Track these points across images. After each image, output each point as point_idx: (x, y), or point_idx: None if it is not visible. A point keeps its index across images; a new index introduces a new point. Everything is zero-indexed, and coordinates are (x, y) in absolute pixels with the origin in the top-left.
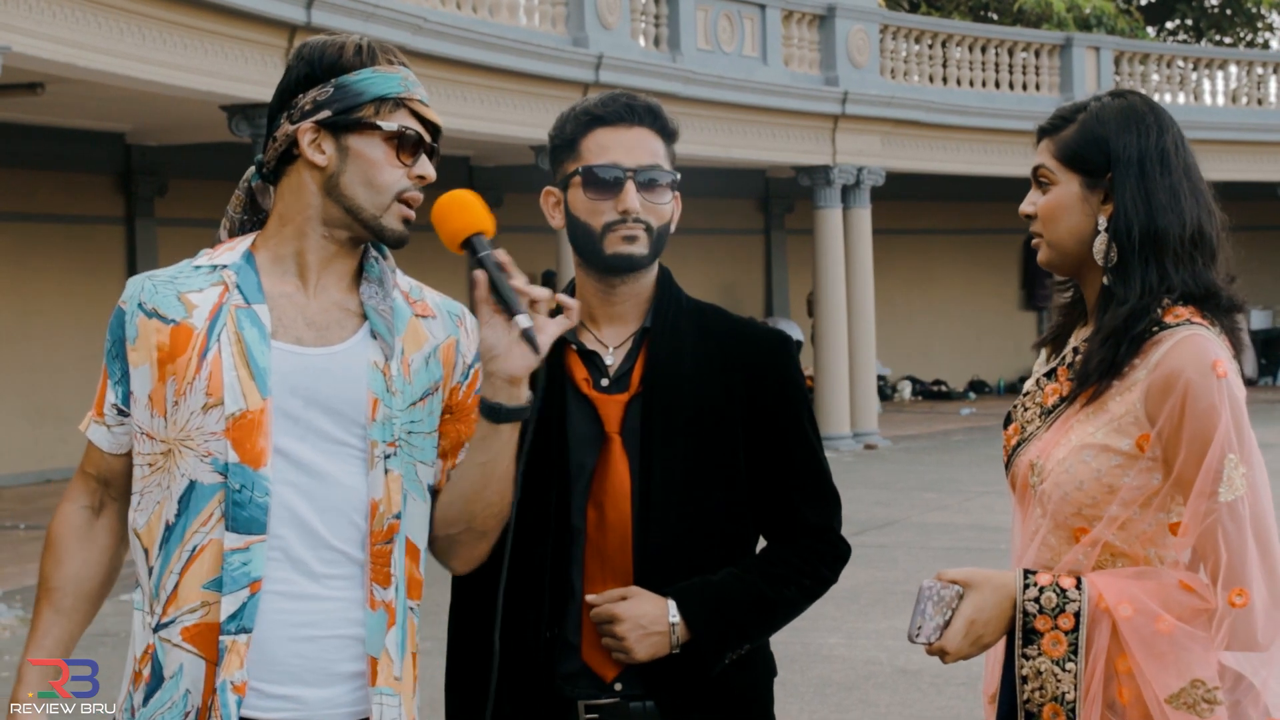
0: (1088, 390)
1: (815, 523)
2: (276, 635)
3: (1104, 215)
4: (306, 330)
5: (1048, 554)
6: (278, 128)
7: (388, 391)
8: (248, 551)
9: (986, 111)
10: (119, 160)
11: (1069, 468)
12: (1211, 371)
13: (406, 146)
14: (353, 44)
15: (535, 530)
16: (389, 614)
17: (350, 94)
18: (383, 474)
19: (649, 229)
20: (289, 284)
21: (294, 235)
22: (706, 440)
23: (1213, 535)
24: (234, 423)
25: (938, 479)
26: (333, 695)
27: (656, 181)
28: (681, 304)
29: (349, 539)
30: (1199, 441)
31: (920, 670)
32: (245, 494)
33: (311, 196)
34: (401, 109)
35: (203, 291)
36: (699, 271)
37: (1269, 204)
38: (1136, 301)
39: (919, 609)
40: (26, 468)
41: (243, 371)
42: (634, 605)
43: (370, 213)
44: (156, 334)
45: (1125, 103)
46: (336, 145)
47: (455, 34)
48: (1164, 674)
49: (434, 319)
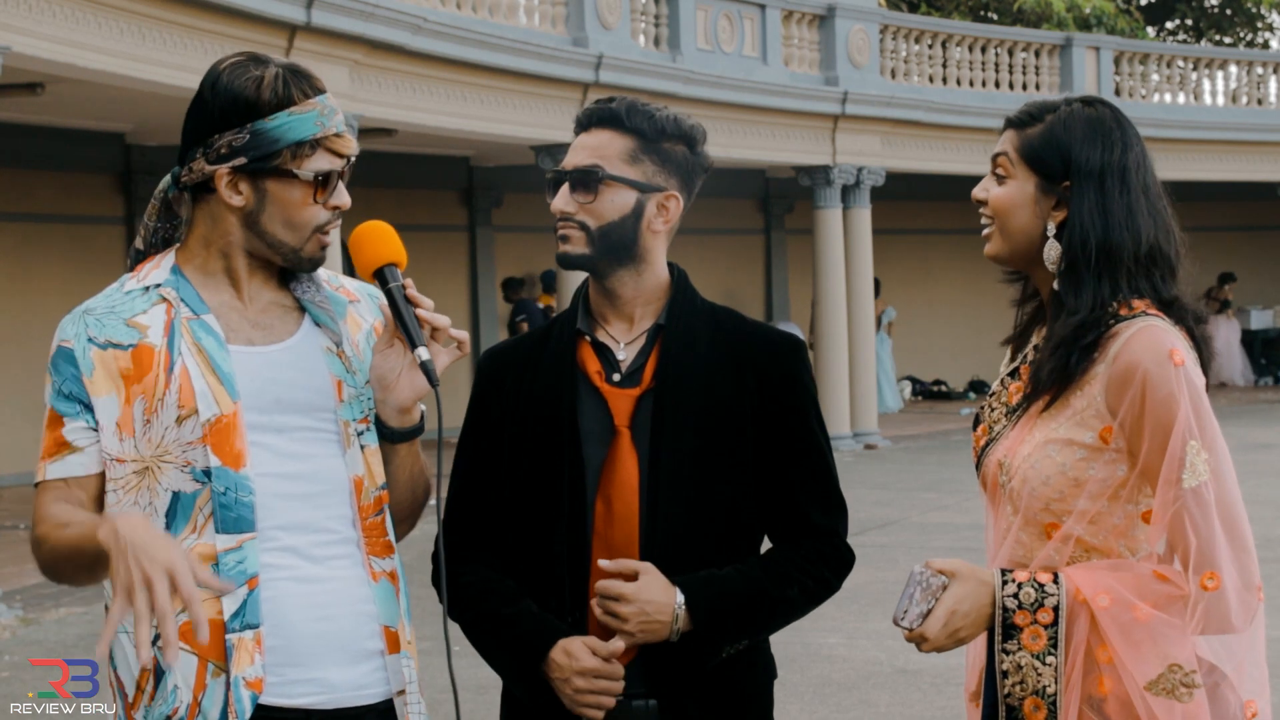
0: (1045, 395)
1: (821, 525)
2: (297, 618)
3: (1053, 221)
4: (254, 332)
5: (1021, 551)
6: (194, 158)
7: (348, 371)
8: (240, 550)
9: (986, 111)
10: (119, 160)
11: (1035, 464)
12: (1169, 360)
13: (323, 185)
14: (269, 85)
15: (549, 521)
16: (393, 583)
17: (266, 141)
18: (360, 450)
19: (584, 227)
20: (224, 294)
21: (219, 255)
22: (715, 438)
23: (1180, 522)
24: (210, 428)
25: (938, 479)
26: (359, 676)
27: (587, 180)
28: (696, 304)
29: (341, 518)
30: (1160, 430)
31: (920, 670)
32: (230, 495)
33: (232, 227)
34: (318, 149)
35: (147, 312)
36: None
37: (1269, 204)
38: (1087, 314)
39: (907, 592)
40: (26, 468)
41: (210, 379)
42: (643, 588)
43: (291, 246)
44: (116, 361)
45: (1094, 113)
46: (254, 187)
47: (455, 34)
48: (1142, 661)
49: (359, 303)
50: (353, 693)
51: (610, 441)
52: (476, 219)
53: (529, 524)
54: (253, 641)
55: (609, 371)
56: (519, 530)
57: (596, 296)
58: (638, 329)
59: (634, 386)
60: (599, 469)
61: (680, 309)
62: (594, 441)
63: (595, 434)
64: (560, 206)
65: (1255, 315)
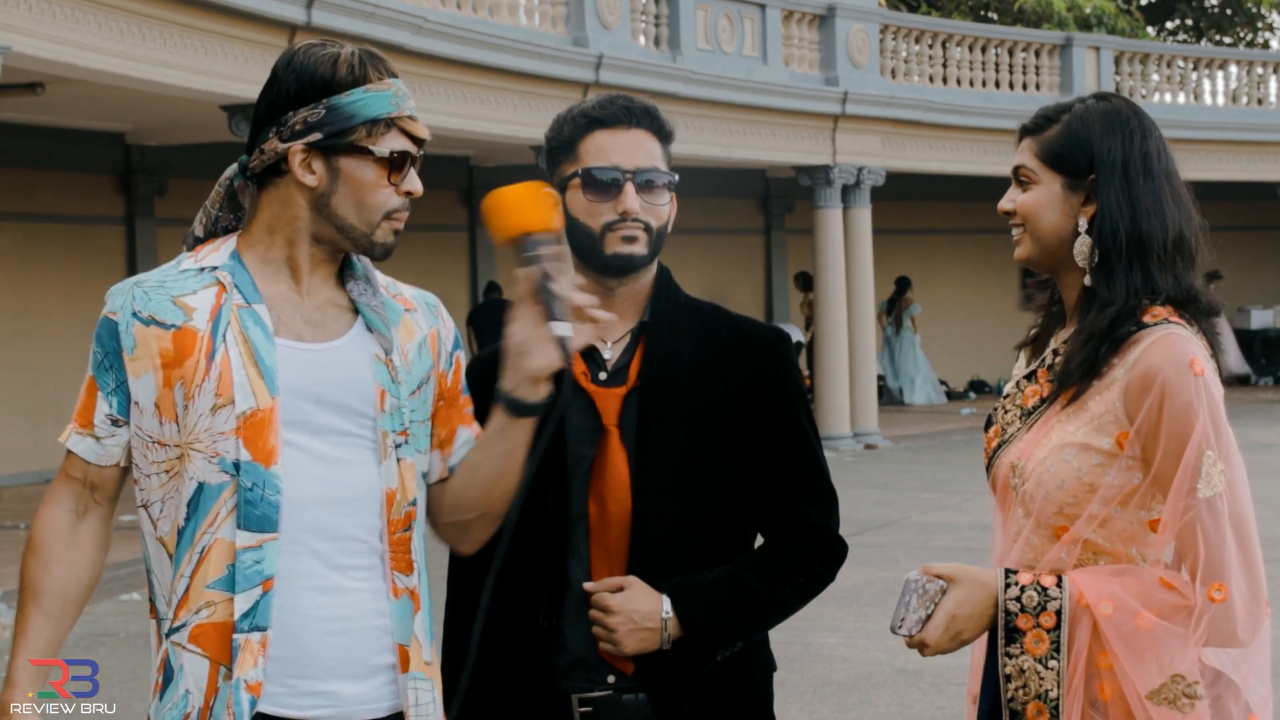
0: (1068, 391)
1: (812, 521)
2: (311, 630)
3: (1084, 216)
4: (305, 328)
5: (1030, 554)
6: (265, 139)
7: (393, 382)
8: (260, 550)
9: (986, 111)
10: (119, 160)
11: (1050, 467)
12: (1189, 369)
13: (396, 167)
14: (345, 61)
15: (533, 522)
16: (413, 600)
17: (342, 116)
18: (395, 463)
19: (648, 229)
20: (282, 284)
21: (283, 243)
22: (702, 435)
23: (1191, 531)
24: (245, 421)
25: (938, 479)
26: (368, 690)
27: (654, 183)
28: (680, 301)
29: (369, 529)
30: (1177, 439)
31: (920, 670)
32: (257, 492)
33: (300, 211)
34: (392, 129)
35: (197, 294)
36: (699, 271)
37: (1269, 204)
38: (1122, 304)
39: (903, 601)
40: (26, 468)
41: (251, 370)
42: (628, 598)
43: (361, 231)
44: (157, 340)
45: (1110, 106)
46: (327, 166)
47: (455, 34)
48: (1144, 670)
49: (415, 311)
50: (360, 706)
51: (599, 441)
52: (477, 219)
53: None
54: (259, 644)
55: (595, 371)
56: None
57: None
58: (623, 327)
59: (620, 385)
60: (589, 470)
61: (664, 306)
62: (583, 441)
63: (584, 433)
64: (634, 207)
65: (1255, 315)
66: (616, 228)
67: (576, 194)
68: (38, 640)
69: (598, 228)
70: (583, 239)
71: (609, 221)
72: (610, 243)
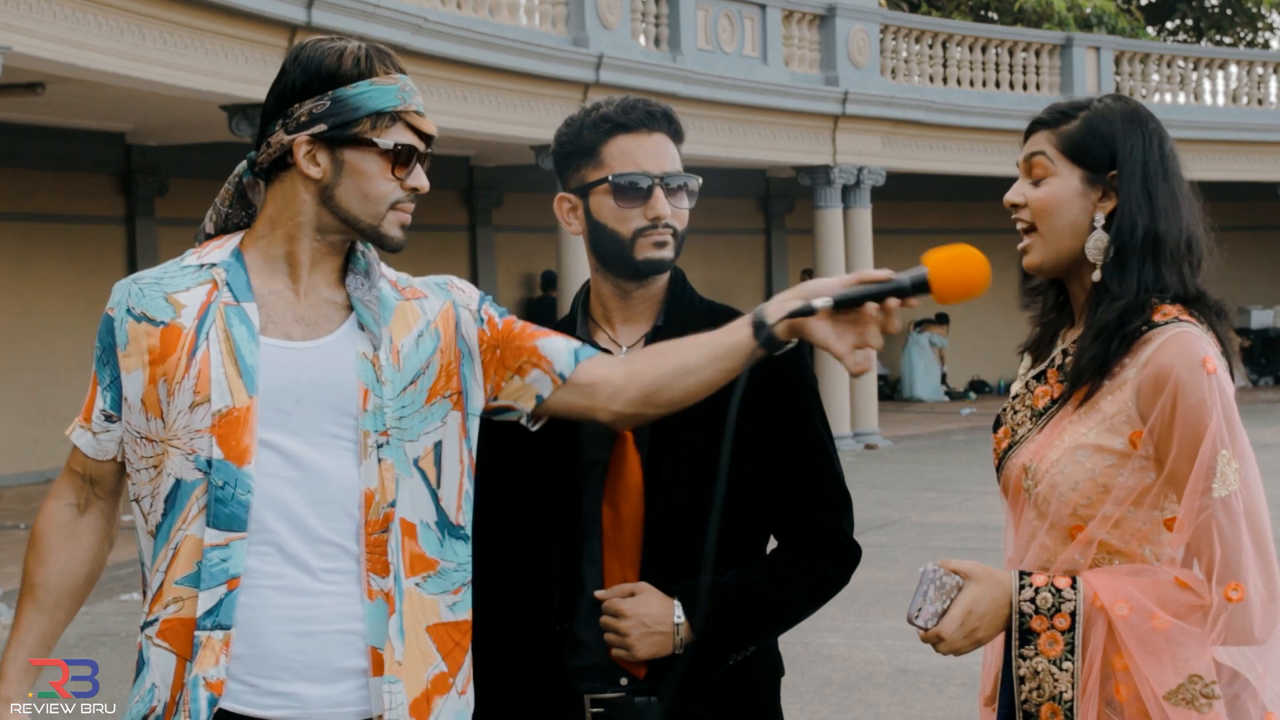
0: (1080, 390)
1: (825, 524)
2: (274, 630)
3: (1101, 212)
4: (296, 326)
5: (1044, 555)
6: (272, 132)
7: (377, 381)
8: (227, 548)
9: (987, 111)
10: (119, 160)
11: (1063, 469)
12: (1201, 368)
13: (401, 161)
14: (351, 53)
15: (545, 525)
16: (388, 603)
17: (347, 108)
18: (376, 464)
19: (676, 234)
20: (279, 282)
21: (285, 239)
22: (716, 438)
23: (1207, 531)
24: (219, 419)
25: (938, 479)
26: (336, 694)
27: (683, 187)
28: (695, 304)
29: (344, 531)
30: (1191, 438)
31: (920, 670)
32: (228, 491)
33: (305, 204)
34: (398, 123)
35: (190, 290)
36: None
37: (1269, 204)
38: (1132, 298)
39: (920, 590)
40: (26, 468)
41: (230, 369)
42: (640, 603)
43: (368, 222)
44: (147, 338)
45: (1129, 106)
46: (331, 158)
47: (455, 34)
48: (1161, 671)
49: (425, 298)
50: (325, 710)
51: (613, 445)
52: (477, 219)
53: (528, 529)
54: (221, 643)
55: None
56: (517, 535)
57: (610, 301)
58: (638, 332)
59: None
60: (603, 474)
61: (678, 310)
62: (598, 445)
63: (599, 438)
64: (665, 212)
65: (1255, 315)
66: (648, 233)
67: (604, 199)
68: (29, 634)
69: (628, 234)
70: (610, 244)
71: (640, 227)
72: (641, 248)
